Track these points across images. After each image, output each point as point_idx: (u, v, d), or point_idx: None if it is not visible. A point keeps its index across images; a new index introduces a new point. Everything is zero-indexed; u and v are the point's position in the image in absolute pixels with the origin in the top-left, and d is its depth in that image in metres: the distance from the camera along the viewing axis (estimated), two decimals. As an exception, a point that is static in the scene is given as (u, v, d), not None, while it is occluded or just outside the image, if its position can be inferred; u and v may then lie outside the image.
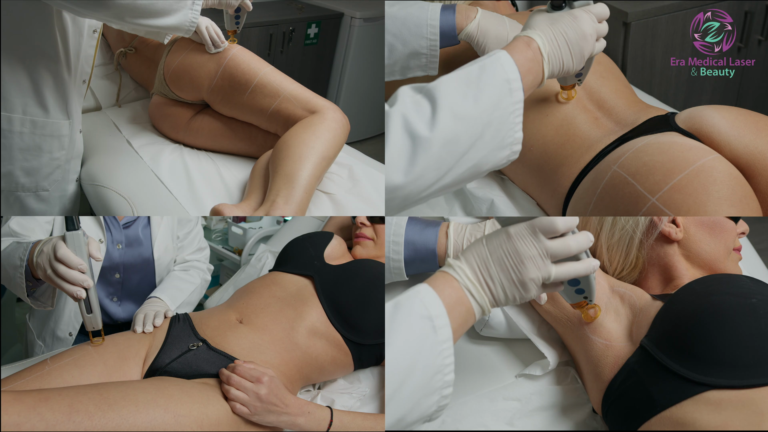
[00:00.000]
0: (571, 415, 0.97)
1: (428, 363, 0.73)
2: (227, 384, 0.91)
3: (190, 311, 1.36)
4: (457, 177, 0.88)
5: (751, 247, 1.35)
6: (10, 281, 1.04)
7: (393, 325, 0.73)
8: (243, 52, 1.42)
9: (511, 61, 0.89)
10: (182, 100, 1.49)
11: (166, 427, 0.80)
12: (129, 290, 1.41)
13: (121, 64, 1.71)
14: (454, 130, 0.85)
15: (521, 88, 0.89)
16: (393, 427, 0.73)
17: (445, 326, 0.74)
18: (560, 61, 0.94)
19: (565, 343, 1.02)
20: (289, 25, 2.37)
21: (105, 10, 1.02)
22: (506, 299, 0.78)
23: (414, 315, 0.74)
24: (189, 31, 1.16)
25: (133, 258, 1.38)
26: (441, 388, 0.74)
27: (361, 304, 1.09)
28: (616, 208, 1.00)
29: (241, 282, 1.56)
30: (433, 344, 0.73)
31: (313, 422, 0.93)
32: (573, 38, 0.94)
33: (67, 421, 0.75)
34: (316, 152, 1.23)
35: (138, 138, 1.51)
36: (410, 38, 1.16)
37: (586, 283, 0.84)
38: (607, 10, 0.98)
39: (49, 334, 1.38)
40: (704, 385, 0.78)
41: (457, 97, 0.86)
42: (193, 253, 1.51)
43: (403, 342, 0.72)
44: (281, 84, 1.37)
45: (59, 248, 0.90)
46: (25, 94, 1.13)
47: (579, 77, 1.10)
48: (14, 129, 1.15)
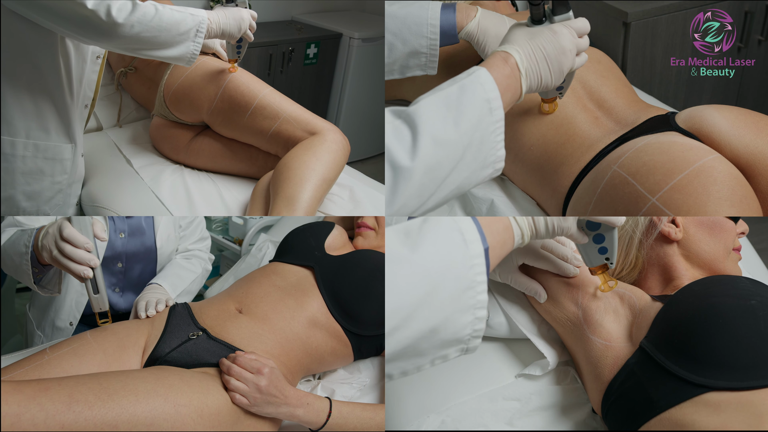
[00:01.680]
0: (571, 415, 0.97)
1: (459, 275, 0.70)
2: (227, 374, 0.91)
3: (190, 300, 1.36)
4: (440, 200, 0.88)
5: (751, 247, 1.35)
6: (16, 269, 1.05)
7: (421, 233, 0.72)
8: (242, 74, 1.43)
9: (490, 79, 0.88)
10: (182, 122, 1.50)
11: (166, 416, 0.81)
12: (131, 280, 1.41)
13: (122, 84, 1.71)
14: (436, 157, 0.84)
15: (501, 106, 0.88)
16: (425, 338, 0.70)
17: (476, 241, 0.72)
18: (538, 76, 0.93)
19: (565, 344, 1.02)
20: (288, 45, 2.41)
21: (110, 41, 1.04)
22: (546, 227, 0.80)
23: (443, 226, 0.72)
24: (190, 62, 1.18)
25: (136, 247, 1.38)
26: (474, 307, 0.72)
27: (361, 295, 1.09)
28: (616, 208, 1.00)
29: (242, 272, 1.57)
30: (464, 256, 0.71)
31: (312, 413, 0.93)
32: (552, 53, 0.93)
33: (67, 411, 0.75)
34: (316, 174, 1.24)
35: (139, 159, 1.51)
36: (410, 37, 1.16)
37: (611, 241, 0.85)
38: (588, 25, 0.96)
39: (49, 324, 1.38)
40: (703, 386, 0.78)
41: (437, 121, 0.84)
42: (195, 242, 1.52)
43: (432, 248, 0.70)
44: (281, 105, 1.38)
45: (65, 228, 0.92)
46: (28, 118, 1.14)
47: (560, 90, 1.09)
48: (17, 153, 1.16)
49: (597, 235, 0.85)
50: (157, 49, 1.11)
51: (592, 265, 0.90)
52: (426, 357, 0.73)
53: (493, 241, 0.75)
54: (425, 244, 0.70)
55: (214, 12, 1.22)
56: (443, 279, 0.70)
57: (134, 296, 1.41)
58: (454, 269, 0.70)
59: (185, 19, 1.13)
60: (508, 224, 0.78)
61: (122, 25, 1.02)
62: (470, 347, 0.74)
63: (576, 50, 0.95)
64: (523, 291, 1.03)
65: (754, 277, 1.05)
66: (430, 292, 0.69)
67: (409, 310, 0.68)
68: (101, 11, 0.99)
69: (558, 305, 1.00)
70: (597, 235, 0.85)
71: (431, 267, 0.69)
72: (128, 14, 1.02)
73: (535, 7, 0.93)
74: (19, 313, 2.04)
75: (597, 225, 0.85)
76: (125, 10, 1.02)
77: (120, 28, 1.02)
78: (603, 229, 0.85)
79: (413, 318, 0.69)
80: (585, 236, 0.85)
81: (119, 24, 1.01)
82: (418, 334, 0.70)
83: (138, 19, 1.03)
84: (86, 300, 1.36)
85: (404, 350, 0.70)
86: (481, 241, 0.73)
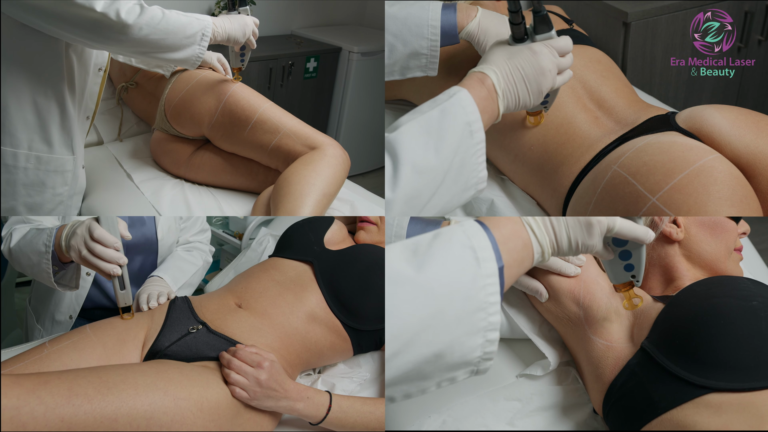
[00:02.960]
0: (572, 416, 0.97)
1: (469, 295, 0.67)
2: (227, 368, 0.92)
3: (190, 293, 1.36)
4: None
5: (752, 248, 1.35)
6: (33, 268, 1.08)
7: (430, 251, 0.68)
8: (243, 89, 1.44)
9: (471, 101, 0.87)
10: (183, 136, 1.50)
11: (166, 410, 0.81)
12: (132, 272, 1.41)
13: (123, 98, 1.72)
14: (416, 186, 0.83)
15: (482, 128, 0.87)
16: (429, 362, 0.66)
17: (490, 260, 0.69)
18: (516, 97, 0.92)
19: (566, 344, 1.02)
20: (288, 59, 2.43)
21: (119, 44, 1.06)
22: (569, 244, 0.75)
23: (455, 243, 0.68)
24: (195, 64, 1.19)
25: (137, 239, 1.38)
26: (485, 329, 0.68)
27: (360, 290, 1.09)
28: (616, 208, 1.00)
29: (242, 266, 1.57)
30: (475, 276, 0.67)
31: (311, 407, 0.94)
32: (530, 74, 0.91)
33: (67, 404, 0.75)
34: (317, 189, 1.24)
35: (139, 173, 1.52)
36: (410, 38, 1.16)
37: (638, 258, 0.81)
38: (570, 43, 0.95)
39: (48, 318, 1.39)
40: (705, 387, 0.78)
41: (418, 149, 0.83)
42: (196, 234, 1.53)
43: (440, 268, 0.66)
44: (281, 120, 1.39)
45: (95, 229, 0.95)
46: (30, 129, 1.15)
47: (545, 104, 1.07)
48: (19, 164, 1.17)
49: (623, 252, 0.81)
50: (164, 52, 1.12)
51: (617, 282, 0.85)
52: (431, 380, 0.69)
53: (509, 259, 0.71)
54: (433, 264, 0.67)
55: (219, 18, 1.25)
56: (450, 301, 0.66)
57: (135, 289, 1.41)
58: (463, 290, 0.67)
59: (191, 22, 1.14)
60: (528, 242, 0.74)
61: (131, 27, 1.03)
62: (480, 369, 0.71)
63: (557, 69, 0.94)
64: (524, 290, 1.03)
65: (755, 277, 1.05)
66: (434, 315, 0.66)
67: (409, 335, 0.65)
68: (111, 14, 1.01)
69: (559, 305, 1.00)
70: (623, 251, 0.81)
71: (437, 288, 0.66)
72: (137, 17, 1.04)
73: (515, 26, 0.92)
74: (19, 308, 2.04)
75: (624, 241, 0.81)
76: (134, 13, 1.03)
77: (129, 30, 1.03)
78: (630, 246, 0.81)
79: (414, 343, 0.65)
80: (611, 252, 0.81)
81: (128, 26, 1.03)
82: (420, 359, 0.66)
83: (146, 22, 1.05)
84: (86, 294, 1.37)
85: (406, 375, 0.67)
86: (495, 259, 0.69)
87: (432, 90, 1.35)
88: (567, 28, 1.38)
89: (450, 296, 0.66)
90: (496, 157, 1.28)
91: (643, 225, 0.79)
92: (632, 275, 0.83)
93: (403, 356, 0.65)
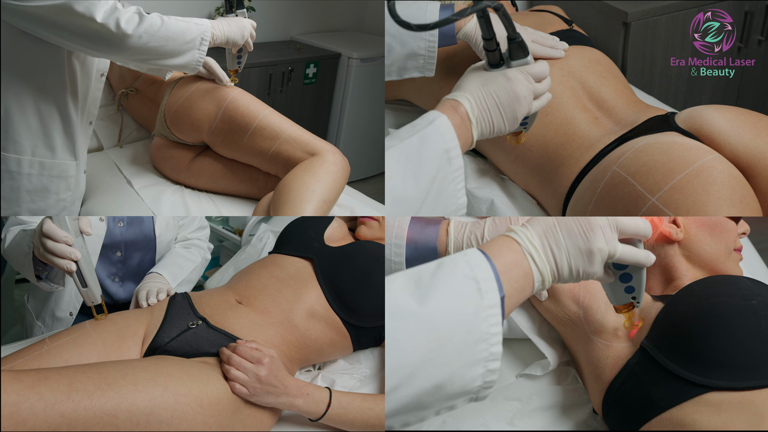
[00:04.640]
0: (572, 415, 0.97)
1: (471, 327, 0.67)
2: (227, 364, 0.92)
3: (189, 290, 1.36)
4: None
5: (752, 248, 1.35)
6: (23, 268, 1.09)
7: (433, 283, 0.68)
8: (242, 95, 1.44)
9: (450, 128, 0.86)
10: (183, 142, 1.51)
11: (165, 405, 0.81)
12: (130, 269, 1.42)
13: (123, 104, 1.72)
14: (394, 215, 0.83)
15: (460, 154, 0.87)
16: (429, 394, 0.67)
17: (492, 290, 0.69)
18: (490, 124, 0.91)
19: (566, 343, 1.02)
20: (288, 65, 2.45)
21: (119, 52, 1.08)
22: (570, 272, 0.75)
23: (458, 275, 0.69)
24: (195, 69, 1.21)
25: (135, 235, 1.39)
26: (486, 360, 0.68)
27: (360, 287, 1.09)
28: (615, 208, 1.00)
29: (242, 262, 1.57)
30: (477, 308, 0.68)
31: (311, 403, 0.94)
32: (505, 101, 0.90)
33: (66, 400, 0.75)
34: (316, 195, 1.24)
35: (139, 179, 1.52)
36: (408, 39, 1.16)
37: (638, 281, 0.81)
38: (547, 69, 0.93)
39: (48, 315, 1.39)
40: (704, 386, 0.78)
41: (397, 179, 0.83)
42: (194, 231, 1.53)
43: (443, 300, 0.67)
44: (281, 126, 1.39)
45: (44, 223, 0.94)
46: (34, 135, 1.16)
47: (524, 125, 1.04)
48: (23, 170, 1.18)
49: (624, 275, 0.81)
50: (164, 58, 1.14)
51: (617, 303, 0.85)
52: (430, 409, 0.69)
53: (510, 288, 0.71)
54: (436, 296, 0.67)
55: (217, 21, 1.26)
56: (451, 334, 0.66)
57: (134, 286, 1.42)
58: (465, 322, 0.67)
59: (190, 27, 1.16)
60: (529, 271, 0.73)
61: (131, 36, 1.05)
62: (480, 397, 0.71)
63: (532, 95, 0.92)
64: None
65: (755, 277, 1.05)
66: (435, 348, 0.66)
67: (410, 369, 0.65)
68: (111, 24, 1.03)
69: (559, 304, 1.00)
70: (624, 274, 0.81)
71: (439, 321, 0.66)
72: (136, 26, 1.05)
73: (490, 53, 0.90)
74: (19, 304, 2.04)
75: (624, 265, 0.80)
76: (133, 22, 1.05)
77: (129, 40, 1.05)
78: (630, 269, 0.81)
79: (415, 377, 0.65)
80: (611, 276, 0.81)
81: (128, 35, 1.04)
82: (420, 392, 0.66)
83: (146, 30, 1.06)
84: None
85: (405, 407, 0.67)
86: (497, 290, 0.69)
87: (431, 90, 1.35)
88: (567, 28, 1.38)
89: (452, 329, 0.66)
90: (497, 157, 1.28)
91: (643, 249, 0.78)
92: (633, 296, 0.83)
93: (403, 390, 0.65)
